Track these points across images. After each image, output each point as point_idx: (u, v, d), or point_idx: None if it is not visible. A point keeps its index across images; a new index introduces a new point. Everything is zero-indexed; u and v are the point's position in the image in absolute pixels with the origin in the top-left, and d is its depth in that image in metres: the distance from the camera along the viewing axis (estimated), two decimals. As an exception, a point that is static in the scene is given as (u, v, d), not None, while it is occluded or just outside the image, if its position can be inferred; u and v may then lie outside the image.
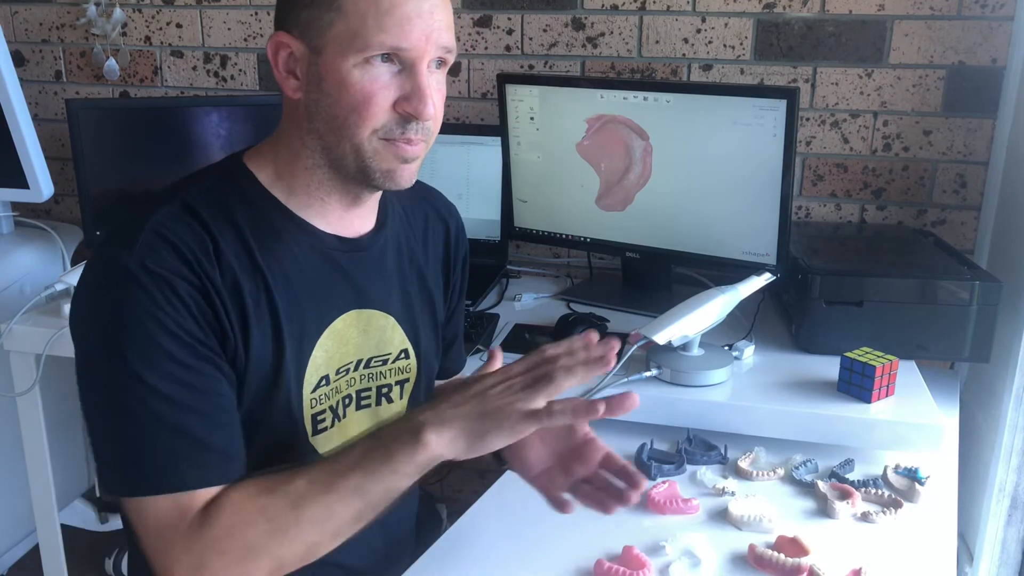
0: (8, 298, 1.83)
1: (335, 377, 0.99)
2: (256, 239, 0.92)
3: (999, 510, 1.56)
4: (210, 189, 0.92)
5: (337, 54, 0.88)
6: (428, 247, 1.13)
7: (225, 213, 0.91)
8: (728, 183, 1.55)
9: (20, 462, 1.69)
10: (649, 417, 1.29)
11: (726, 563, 0.99)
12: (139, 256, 0.84)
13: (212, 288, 0.87)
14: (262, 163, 0.96)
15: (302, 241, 0.96)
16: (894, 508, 1.09)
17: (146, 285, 0.83)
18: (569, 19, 1.86)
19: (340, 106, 0.89)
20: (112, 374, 0.84)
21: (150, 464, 0.83)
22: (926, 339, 1.40)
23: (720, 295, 1.32)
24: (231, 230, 0.91)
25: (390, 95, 0.89)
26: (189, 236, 0.87)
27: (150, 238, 0.86)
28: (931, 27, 1.69)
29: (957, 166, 1.75)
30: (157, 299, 0.83)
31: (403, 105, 0.89)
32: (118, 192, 1.87)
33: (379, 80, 0.88)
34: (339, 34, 0.87)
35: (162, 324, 0.84)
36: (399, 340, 1.06)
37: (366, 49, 0.87)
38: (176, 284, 0.84)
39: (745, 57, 1.79)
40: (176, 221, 0.88)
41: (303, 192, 0.96)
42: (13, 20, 2.17)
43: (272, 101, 1.93)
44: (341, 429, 1.02)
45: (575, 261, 1.94)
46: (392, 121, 0.90)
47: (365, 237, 1.02)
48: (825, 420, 1.24)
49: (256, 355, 0.91)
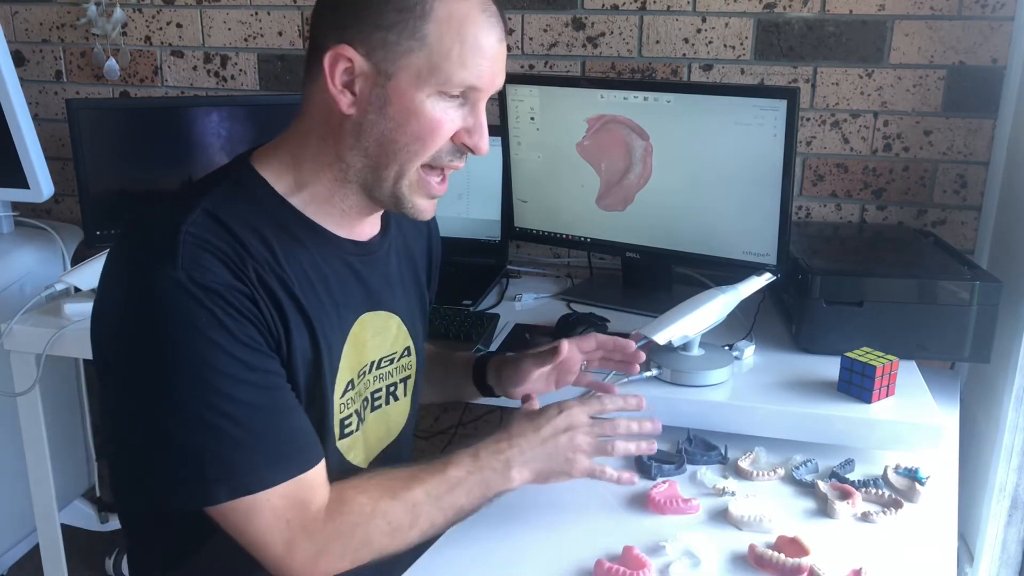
0: (8, 298, 1.83)
1: (357, 380, 1.00)
2: (280, 246, 0.91)
3: (999, 510, 1.56)
4: (227, 197, 0.91)
5: (411, 83, 0.88)
6: (417, 243, 1.16)
7: (247, 221, 0.90)
8: (728, 183, 1.55)
9: (20, 462, 1.69)
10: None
11: (726, 563, 0.99)
12: (186, 270, 0.83)
13: (257, 293, 0.87)
14: (278, 171, 0.95)
15: (322, 246, 0.96)
16: (894, 508, 1.09)
17: (201, 299, 0.83)
18: (569, 19, 1.86)
19: (403, 132, 0.90)
20: (181, 391, 0.84)
21: (249, 462, 0.85)
22: (926, 339, 1.40)
23: (720, 295, 1.32)
24: (256, 238, 0.90)
25: (454, 127, 0.92)
26: (223, 243, 0.87)
27: (190, 250, 0.84)
28: (931, 27, 1.69)
29: (957, 166, 1.75)
30: (215, 312, 0.83)
31: (463, 137, 0.92)
32: (118, 192, 1.87)
33: (448, 113, 0.90)
34: (416, 64, 0.88)
35: (225, 334, 0.84)
36: (403, 338, 1.08)
37: (446, 85, 0.89)
38: (227, 294, 0.84)
39: (745, 57, 1.79)
40: (206, 229, 0.87)
41: (324, 201, 0.96)
42: (13, 20, 2.17)
43: (272, 101, 1.93)
44: (363, 433, 1.03)
45: (575, 261, 1.94)
46: (445, 150, 0.92)
47: (374, 240, 1.03)
48: (825, 420, 1.24)
49: (298, 361, 0.91)
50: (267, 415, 0.86)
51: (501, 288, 1.78)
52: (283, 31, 2.02)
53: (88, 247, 1.88)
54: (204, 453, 0.84)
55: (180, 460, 0.85)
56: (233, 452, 0.84)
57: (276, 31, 2.02)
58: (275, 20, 2.02)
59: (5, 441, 1.88)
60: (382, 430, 1.09)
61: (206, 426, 0.84)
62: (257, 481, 0.85)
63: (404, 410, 1.12)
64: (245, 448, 0.85)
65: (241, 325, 0.85)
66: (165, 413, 0.84)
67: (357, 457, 1.03)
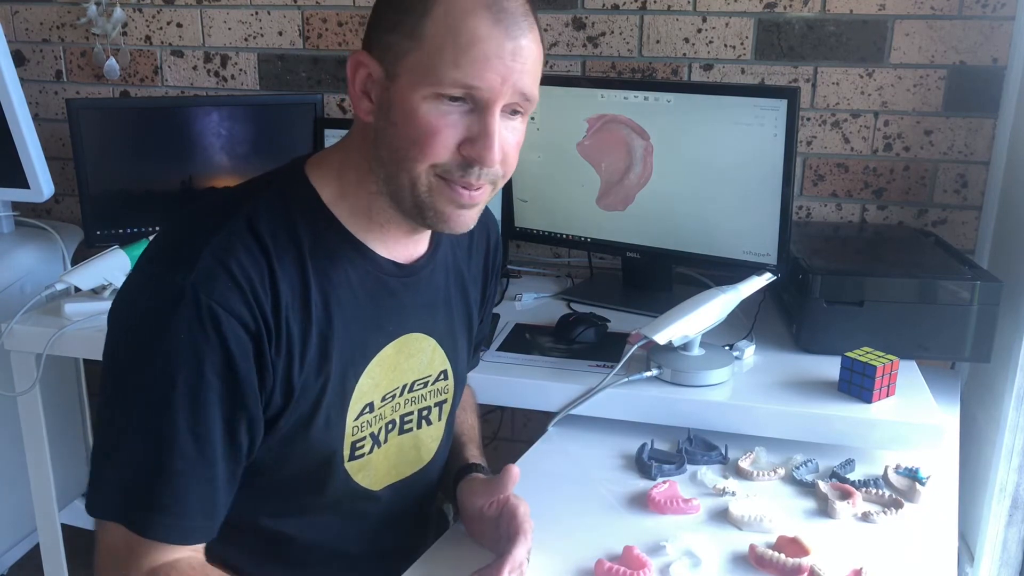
0: (8, 298, 1.83)
1: (380, 404, 0.98)
2: (313, 262, 0.89)
3: (1000, 510, 1.56)
4: (273, 206, 0.89)
5: (409, 84, 0.84)
6: (472, 259, 1.11)
7: (287, 233, 0.88)
8: (729, 183, 1.55)
9: (20, 462, 1.69)
10: (649, 417, 1.29)
11: (726, 563, 0.99)
12: (195, 282, 0.81)
13: (261, 322, 0.84)
14: (326, 179, 0.93)
15: (359, 265, 0.93)
16: (895, 508, 1.09)
17: (194, 315, 0.81)
18: (570, 19, 1.86)
19: (403, 137, 0.85)
20: (131, 390, 0.83)
21: (130, 495, 0.83)
22: (927, 339, 1.40)
23: (721, 295, 1.32)
24: (291, 252, 0.88)
25: (456, 134, 0.85)
26: (248, 262, 0.84)
27: (209, 264, 0.82)
28: (932, 27, 1.69)
29: (958, 166, 1.75)
30: (199, 335, 0.81)
31: (467, 148, 0.85)
32: (118, 192, 1.87)
33: (447, 118, 0.84)
34: (414, 64, 0.84)
35: (198, 360, 0.81)
36: (439, 361, 1.04)
37: (438, 85, 0.83)
38: (223, 322, 0.81)
39: (746, 57, 1.79)
40: (236, 244, 0.84)
41: (364, 216, 0.93)
42: (13, 20, 2.17)
43: (272, 101, 1.93)
44: (379, 455, 1.00)
45: (575, 261, 1.94)
46: (454, 163, 0.86)
47: (420, 261, 0.99)
48: (825, 420, 1.23)
49: (300, 385, 0.89)
50: (179, 460, 0.82)
51: (501, 288, 1.78)
52: (283, 31, 2.02)
53: (88, 247, 1.88)
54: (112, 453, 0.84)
55: (98, 448, 0.84)
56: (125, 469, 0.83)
57: (276, 31, 2.02)
58: (275, 20, 2.02)
59: (5, 441, 1.88)
60: (412, 455, 1.05)
61: (129, 429, 0.83)
62: (140, 521, 0.83)
63: (437, 435, 1.08)
64: (143, 481, 0.82)
65: (216, 358, 0.82)
66: (114, 409, 0.84)
67: (367, 479, 1.00)
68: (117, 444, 0.84)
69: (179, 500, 0.83)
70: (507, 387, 1.34)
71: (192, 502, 0.84)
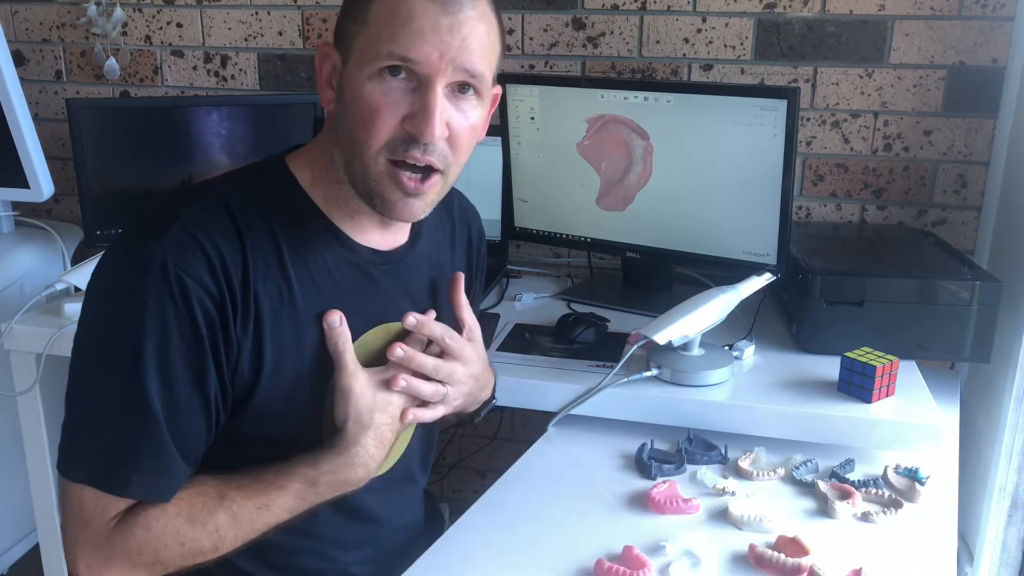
0: (8, 298, 1.83)
1: None
2: (288, 245, 0.91)
3: (999, 510, 1.56)
4: (249, 188, 0.92)
5: (356, 65, 0.87)
6: (455, 253, 1.12)
7: (261, 214, 0.90)
8: (729, 183, 1.55)
9: (20, 462, 1.69)
10: (649, 417, 1.29)
11: (726, 563, 0.99)
12: (164, 250, 0.84)
13: (228, 296, 0.86)
14: (303, 169, 0.95)
15: (336, 250, 0.95)
16: (894, 508, 1.09)
17: (162, 282, 0.83)
18: (569, 19, 1.86)
19: (354, 119, 0.88)
20: (101, 355, 0.85)
21: (102, 456, 0.85)
22: (926, 339, 1.40)
23: (720, 295, 1.32)
24: (264, 233, 0.90)
25: (399, 111, 0.86)
26: (219, 236, 0.86)
27: (179, 233, 0.85)
28: (932, 27, 1.69)
29: (957, 166, 1.75)
30: (167, 301, 0.83)
31: (408, 122, 0.86)
32: (118, 192, 1.87)
33: (390, 95, 0.86)
34: (361, 46, 0.86)
35: (165, 324, 0.83)
36: None
37: (376, 59, 0.85)
38: (190, 290, 0.84)
39: (746, 57, 1.79)
40: (209, 218, 0.87)
41: (336, 204, 0.95)
42: (13, 19, 2.17)
43: (272, 101, 1.93)
44: None
45: (575, 261, 1.94)
46: (399, 138, 0.87)
47: (399, 250, 1.01)
48: (825, 420, 1.24)
49: (271, 364, 0.90)
50: (146, 421, 0.84)
51: (501, 288, 1.78)
52: (283, 31, 2.02)
53: (88, 247, 1.88)
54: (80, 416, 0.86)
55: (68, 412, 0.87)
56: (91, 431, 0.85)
57: (276, 31, 2.02)
58: (275, 20, 2.02)
59: (5, 441, 1.88)
60: None
61: (93, 392, 0.85)
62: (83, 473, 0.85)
63: (412, 425, 1.08)
64: (101, 436, 0.85)
65: (183, 326, 0.84)
66: (85, 372, 0.86)
67: None
68: (89, 406, 0.86)
69: (152, 457, 0.85)
70: (507, 387, 1.33)
71: (164, 460, 0.86)
